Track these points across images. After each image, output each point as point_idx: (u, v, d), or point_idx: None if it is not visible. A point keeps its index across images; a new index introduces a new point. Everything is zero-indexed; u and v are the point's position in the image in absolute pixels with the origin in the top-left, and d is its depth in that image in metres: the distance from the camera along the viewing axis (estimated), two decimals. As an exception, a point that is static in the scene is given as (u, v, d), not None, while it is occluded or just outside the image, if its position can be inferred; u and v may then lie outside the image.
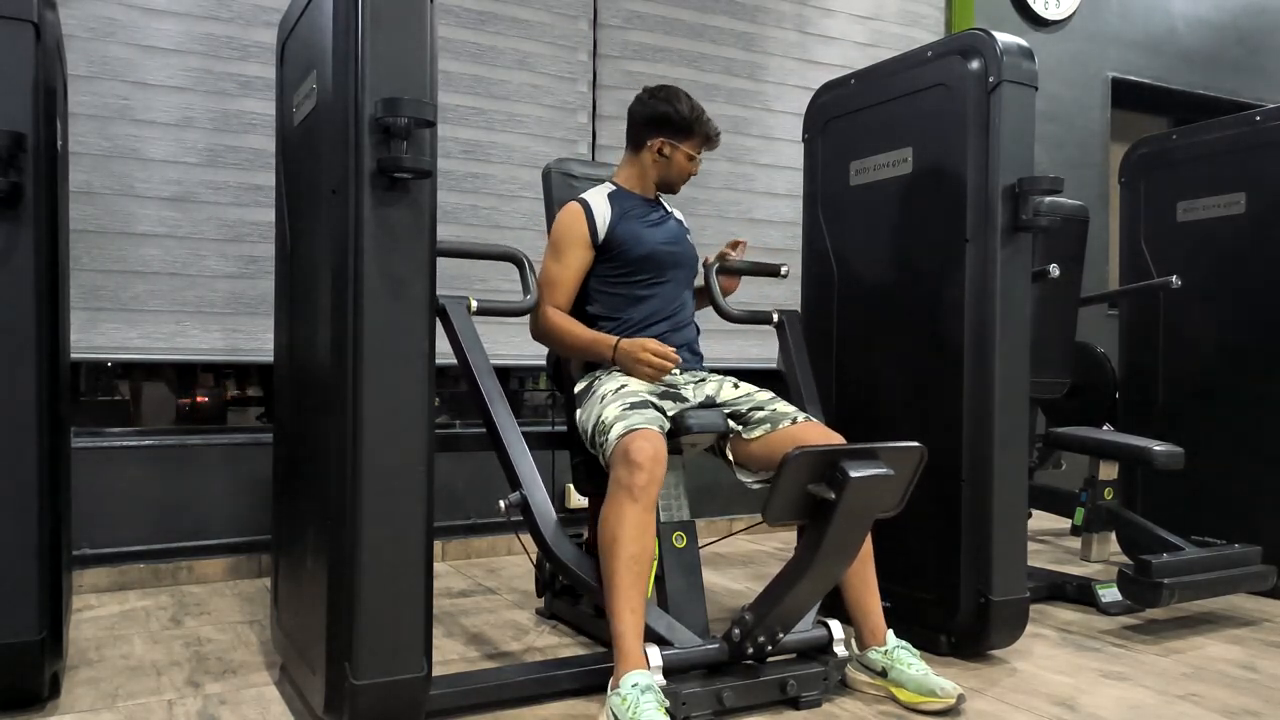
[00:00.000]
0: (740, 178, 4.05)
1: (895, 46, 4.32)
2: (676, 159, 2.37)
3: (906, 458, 1.85)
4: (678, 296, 2.38)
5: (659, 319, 2.33)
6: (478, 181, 3.53)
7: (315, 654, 1.78)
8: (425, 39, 1.72)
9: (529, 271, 2.19)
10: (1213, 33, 5.43)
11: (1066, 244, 2.98)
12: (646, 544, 1.94)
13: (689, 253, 2.44)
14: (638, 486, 1.92)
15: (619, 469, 1.97)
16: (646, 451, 1.95)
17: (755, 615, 1.94)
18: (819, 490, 1.78)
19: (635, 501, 1.93)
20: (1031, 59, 2.26)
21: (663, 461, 1.98)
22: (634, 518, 1.92)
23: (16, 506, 1.79)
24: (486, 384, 2.12)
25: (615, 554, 1.91)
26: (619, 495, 1.95)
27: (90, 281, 2.96)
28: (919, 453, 1.87)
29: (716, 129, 2.40)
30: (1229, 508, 3.07)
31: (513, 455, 2.06)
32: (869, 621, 2.11)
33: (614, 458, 2.00)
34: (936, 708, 1.94)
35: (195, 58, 3.11)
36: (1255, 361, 3.03)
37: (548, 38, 3.67)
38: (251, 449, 3.11)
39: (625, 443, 1.98)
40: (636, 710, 1.73)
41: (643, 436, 1.97)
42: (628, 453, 1.95)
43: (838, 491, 1.76)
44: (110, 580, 2.92)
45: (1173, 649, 2.44)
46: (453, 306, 2.11)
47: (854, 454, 1.80)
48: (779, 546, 3.74)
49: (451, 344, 2.10)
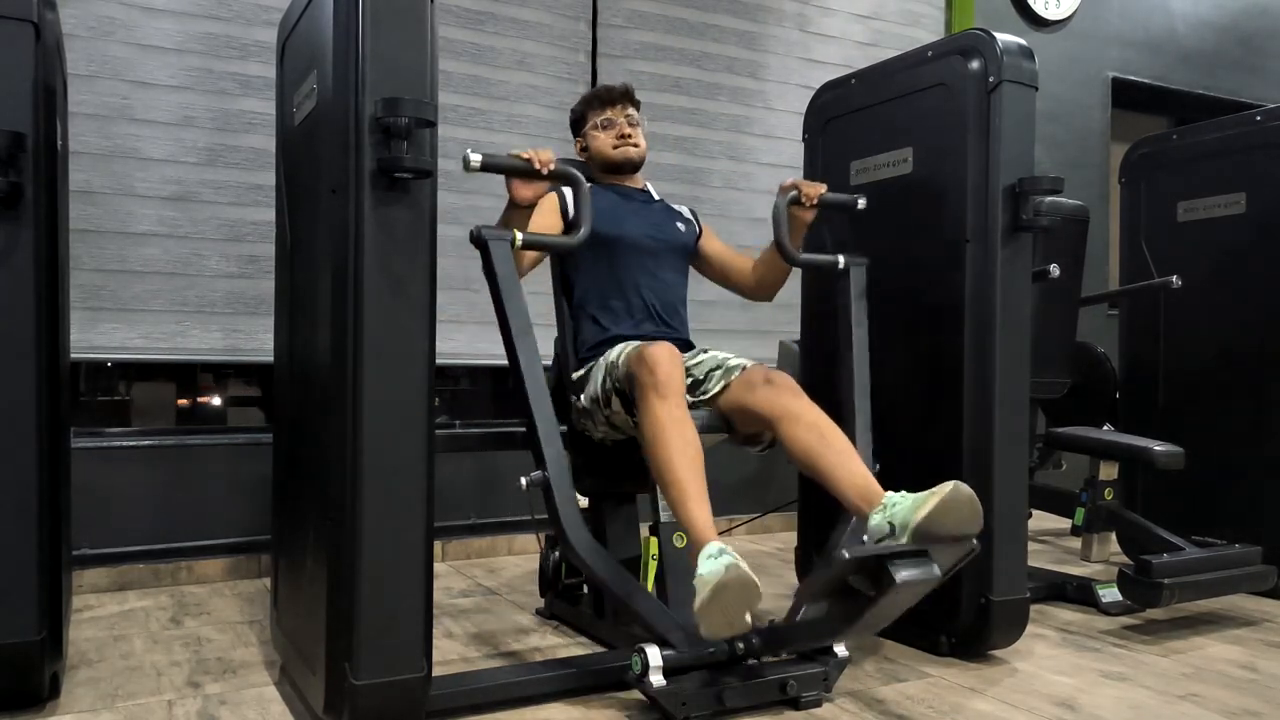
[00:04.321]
0: (741, 176, 4.05)
1: (895, 46, 4.31)
2: (594, 139, 2.51)
3: (956, 553, 1.77)
4: (659, 279, 2.42)
5: (641, 302, 2.38)
6: (477, 182, 3.53)
7: (315, 654, 1.77)
8: (425, 39, 1.72)
9: (583, 198, 2.08)
10: (1213, 33, 5.42)
11: (1066, 244, 2.98)
12: (688, 433, 1.97)
13: (674, 238, 2.48)
14: (661, 382, 1.97)
15: (639, 373, 2.02)
16: (661, 351, 2.01)
17: (763, 643, 1.93)
18: (860, 584, 1.70)
19: (664, 398, 1.97)
20: (1032, 59, 2.26)
21: (679, 362, 2.02)
22: (666, 411, 1.97)
23: (16, 506, 1.79)
24: (523, 344, 2.00)
25: (660, 452, 1.96)
26: (647, 397, 1.99)
27: (90, 281, 2.96)
28: (971, 550, 1.79)
29: (616, 85, 2.54)
30: (1229, 508, 3.07)
31: (541, 431, 1.98)
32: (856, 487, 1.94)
33: (632, 368, 2.05)
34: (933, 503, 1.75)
35: (195, 57, 3.11)
36: (1255, 361, 3.02)
37: (547, 38, 3.67)
38: (251, 449, 3.11)
39: (638, 351, 2.03)
40: (717, 564, 1.73)
41: (654, 344, 2.04)
42: (643, 356, 2.01)
43: (879, 590, 1.69)
44: (110, 580, 2.92)
45: (1173, 649, 2.44)
46: (494, 242, 1.99)
47: (904, 555, 1.70)
48: (779, 547, 3.74)
49: (490, 288, 2.01)
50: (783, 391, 2.12)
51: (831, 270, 2.35)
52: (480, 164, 1.96)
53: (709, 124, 3.98)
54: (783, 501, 3.59)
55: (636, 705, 1.98)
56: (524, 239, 2.02)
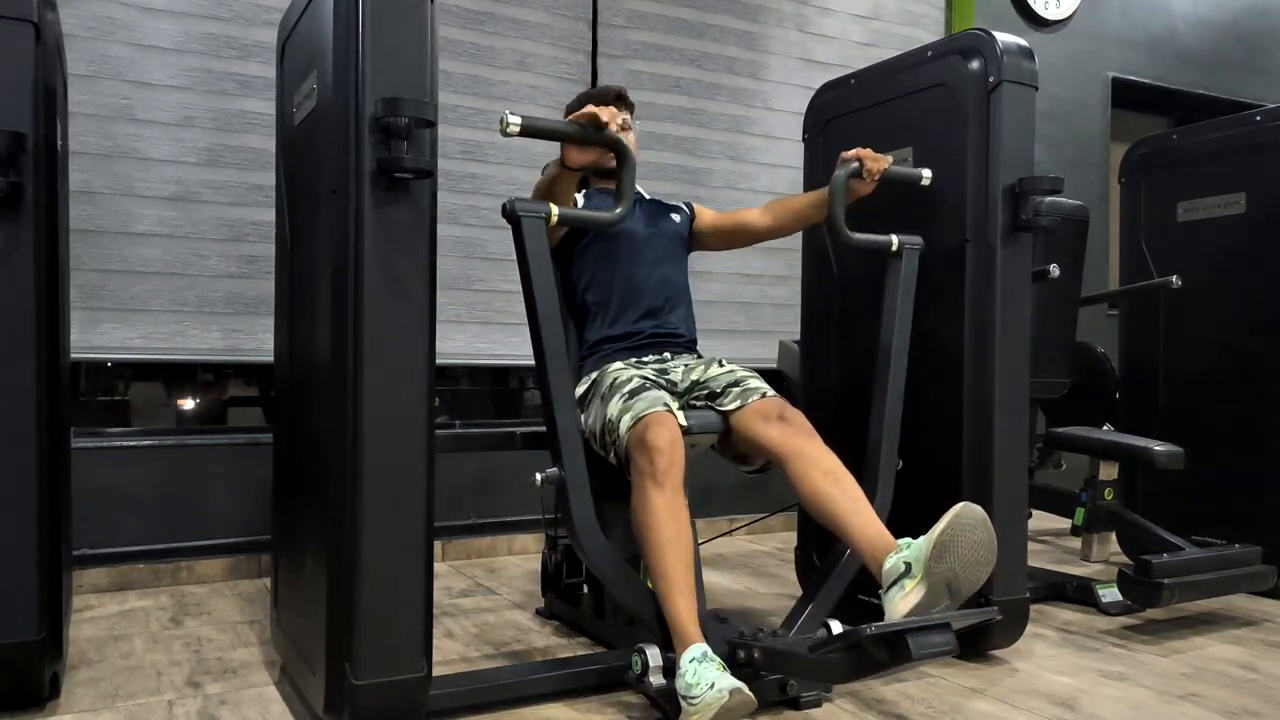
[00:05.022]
0: (742, 176, 4.05)
1: (895, 46, 4.31)
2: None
3: (977, 619, 1.74)
4: (657, 272, 2.39)
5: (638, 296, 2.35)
6: (477, 182, 3.53)
7: (315, 654, 1.78)
8: (425, 39, 1.72)
9: (629, 169, 1.96)
10: (1213, 33, 5.42)
11: (1066, 244, 2.98)
12: (681, 526, 1.92)
13: (668, 228, 2.46)
14: (659, 471, 1.91)
15: (638, 458, 1.95)
16: (663, 436, 1.94)
17: (765, 660, 1.91)
18: (876, 651, 1.65)
19: (660, 487, 1.91)
20: (1032, 59, 2.26)
21: (680, 443, 1.96)
22: (662, 502, 1.91)
23: (16, 506, 1.79)
24: (549, 331, 1.91)
25: (651, 542, 1.91)
26: (643, 485, 1.94)
27: (90, 281, 2.96)
28: (992, 615, 1.78)
29: (610, 87, 2.49)
30: (1229, 508, 3.07)
31: (561, 427, 1.93)
32: (869, 539, 1.90)
33: (631, 449, 1.98)
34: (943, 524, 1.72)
35: (195, 57, 3.11)
36: (1255, 361, 3.02)
37: (547, 38, 3.67)
38: (251, 449, 3.11)
39: (638, 431, 1.96)
40: (698, 679, 1.73)
41: (656, 421, 1.96)
42: (644, 440, 1.94)
43: (894, 659, 1.64)
44: (110, 580, 2.92)
45: (1173, 649, 2.44)
46: (528, 218, 1.90)
47: (927, 629, 1.62)
48: (779, 546, 3.74)
49: (520, 267, 1.92)
50: (798, 431, 2.07)
51: (884, 251, 2.28)
52: (520, 128, 1.80)
53: (709, 124, 3.98)
54: (783, 503, 3.59)
55: (637, 705, 1.98)
56: (560, 214, 1.89)
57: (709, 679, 1.72)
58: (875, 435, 2.25)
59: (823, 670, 1.80)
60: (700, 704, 1.71)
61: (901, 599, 1.73)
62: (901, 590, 1.74)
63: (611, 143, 1.94)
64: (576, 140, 1.93)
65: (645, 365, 2.28)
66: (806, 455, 2.04)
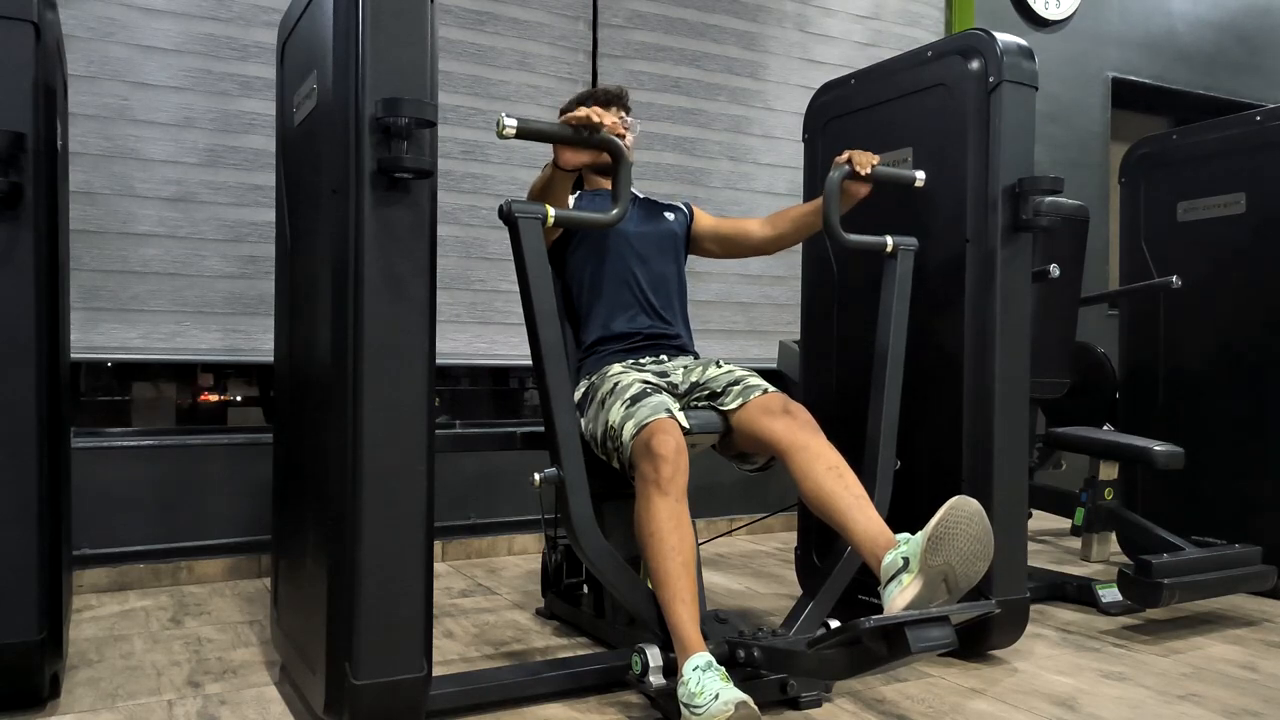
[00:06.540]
0: (741, 177, 4.05)
1: (895, 46, 4.32)
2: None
3: (975, 612, 1.74)
4: (652, 271, 2.39)
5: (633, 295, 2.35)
6: (477, 182, 3.53)
7: (315, 654, 1.78)
8: (425, 39, 1.72)
9: (624, 170, 1.96)
10: (1213, 33, 5.43)
11: (1066, 244, 2.98)
12: (685, 534, 1.92)
13: (662, 227, 2.45)
14: (664, 479, 1.91)
15: (643, 466, 1.95)
16: (668, 444, 1.94)
17: (765, 659, 1.92)
18: (874, 645, 1.66)
19: (665, 494, 1.91)
20: (1031, 59, 2.26)
21: (684, 451, 1.96)
22: (666, 510, 1.91)
23: (16, 506, 1.79)
24: (547, 333, 1.91)
25: (655, 549, 1.91)
26: (647, 492, 1.93)
27: (90, 281, 2.96)
28: (990, 609, 1.78)
29: (610, 88, 2.45)
30: (1229, 508, 3.07)
31: (560, 427, 1.92)
32: (870, 536, 1.90)
33: (635, 456, 1.98)
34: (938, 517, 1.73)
35: (195, 58, 3.11)
36: (1255, 361, 3.03)
37: (547, 38, 3.67)
38: (251, 449, 3.11)
39: (643, 439, 1.96)
40: (701, 688, 1.73)
41: (660, 429, 1.96)
42: (649, 448, 1.94)
43: (892, 653, 1.63)
44: (110, 580, 2.92)
45: (1173, 649, 2.44)
46: (524, 219, 1.90)
47: (925, 623, 1.62)
48: (779, 546, 3.74)
49: (517, 269, 1.92)
50: (803, 425, 2.08)
51: (879, 253, 2.28)
52: (515, 130, 1.81)
53: (709, 124, 3.98)
54: (783, 503, 3.59)
55: (637, 705, 1.98)
56: (557, 216, 1.90)
57: (713, 689, 1.72)
58: (873, 435, 2.25)
59: (822, 667, 1.80)
60: (704, 715, 1.70)
61: (899, 594, 1.74)
62: (899, 585, 1.75)
63: (606, 144, 1.94)
64: (571, 142, 1.94)
65: (644, 368, 2.28)
66: (811, 449, 2.04)
